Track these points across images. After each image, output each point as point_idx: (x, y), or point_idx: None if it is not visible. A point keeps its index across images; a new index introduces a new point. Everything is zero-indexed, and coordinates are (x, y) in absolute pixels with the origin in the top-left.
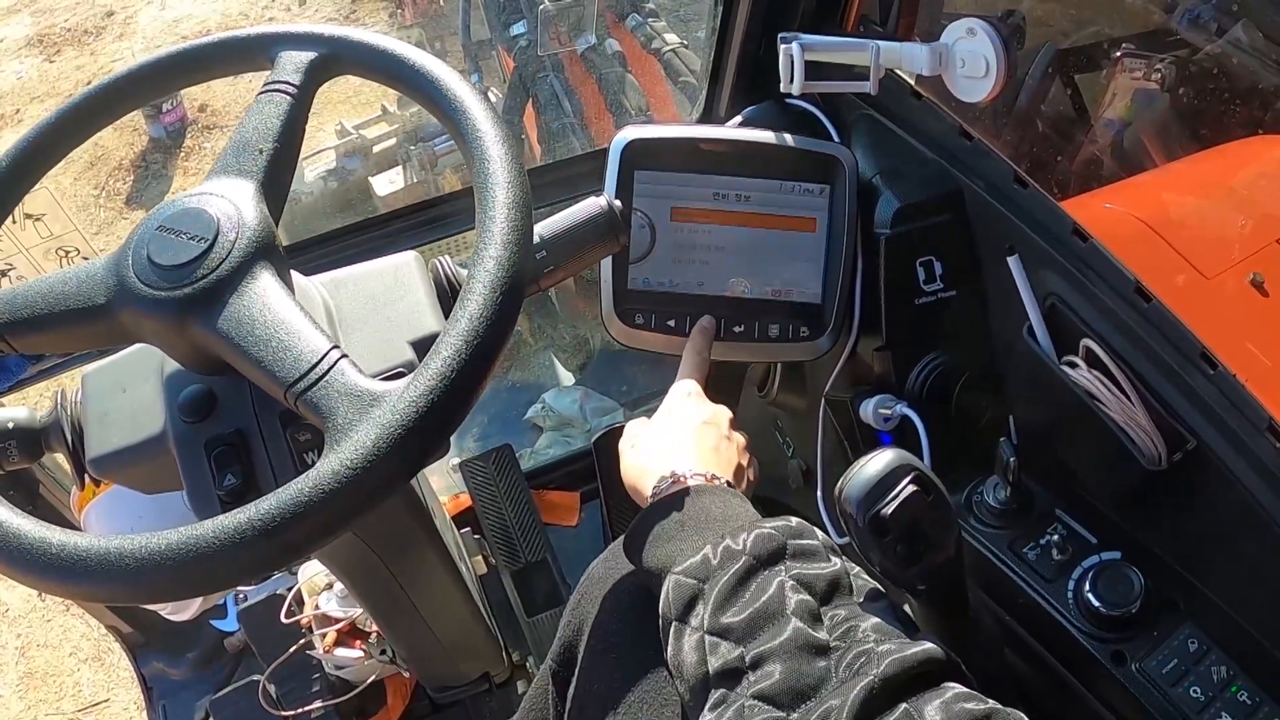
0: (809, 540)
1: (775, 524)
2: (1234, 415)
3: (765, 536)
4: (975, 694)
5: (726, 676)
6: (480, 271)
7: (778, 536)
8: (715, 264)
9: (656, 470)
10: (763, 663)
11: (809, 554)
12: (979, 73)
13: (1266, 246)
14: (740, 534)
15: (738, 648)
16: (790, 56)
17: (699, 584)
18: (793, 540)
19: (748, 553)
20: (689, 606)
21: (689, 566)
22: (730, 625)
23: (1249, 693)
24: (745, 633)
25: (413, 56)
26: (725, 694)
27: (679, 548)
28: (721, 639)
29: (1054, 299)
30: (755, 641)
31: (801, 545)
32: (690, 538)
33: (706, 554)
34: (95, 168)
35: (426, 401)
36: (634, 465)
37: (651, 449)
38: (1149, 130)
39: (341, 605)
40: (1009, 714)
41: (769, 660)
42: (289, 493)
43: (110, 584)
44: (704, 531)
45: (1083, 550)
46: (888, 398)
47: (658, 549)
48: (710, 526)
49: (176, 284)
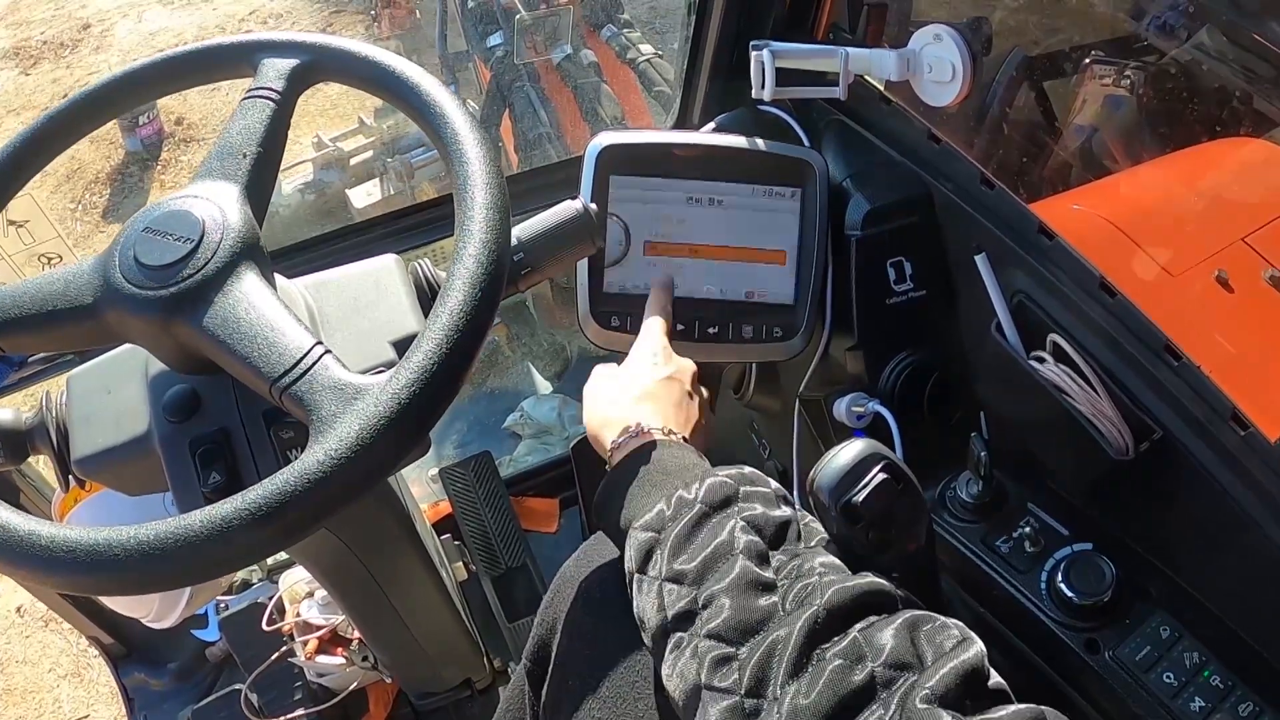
0: (760, 487)
1: (728, 472)
2: (1198, 405)
3: (717, 484)
4: (930, 614)
5: (682, 619)
6: (460, 270)
7: (729, 484)
8: (689, 267)
9: (618, 422)
10: (712, 602)
11: (760, 499)
12: (946, 77)
13: (1232, 245)
14: (693, 484)
15: (691, 590)
16: (761, 63)
17: (655, 535)
18: (744, 486)
19: (700, 500)
20: (647, 557)
21: (646, 520)
22: (684, 570)
23: (1221, 677)
24: (697, 575)
25: (393, 63)
26: (681, 637)
27: (639, 504)
28: (676, 584)
29: (1021, 296)
30: (706, 583)
31: (753, 491)
32: (648, 493)
33: (661, 507)
34: (72, 181)
35: (409, 394)
36: (597, 416)
37: (615, 401)
38: (1118, 135)
39: (323, 612)
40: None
41: (718, 598)
42: (275, 482)
43: (100, 574)
44: (661, 486)
45: (1054, 542)
46: (861, 396)
47: (619, 509)
48: (667, 480)
49: (163, 284)
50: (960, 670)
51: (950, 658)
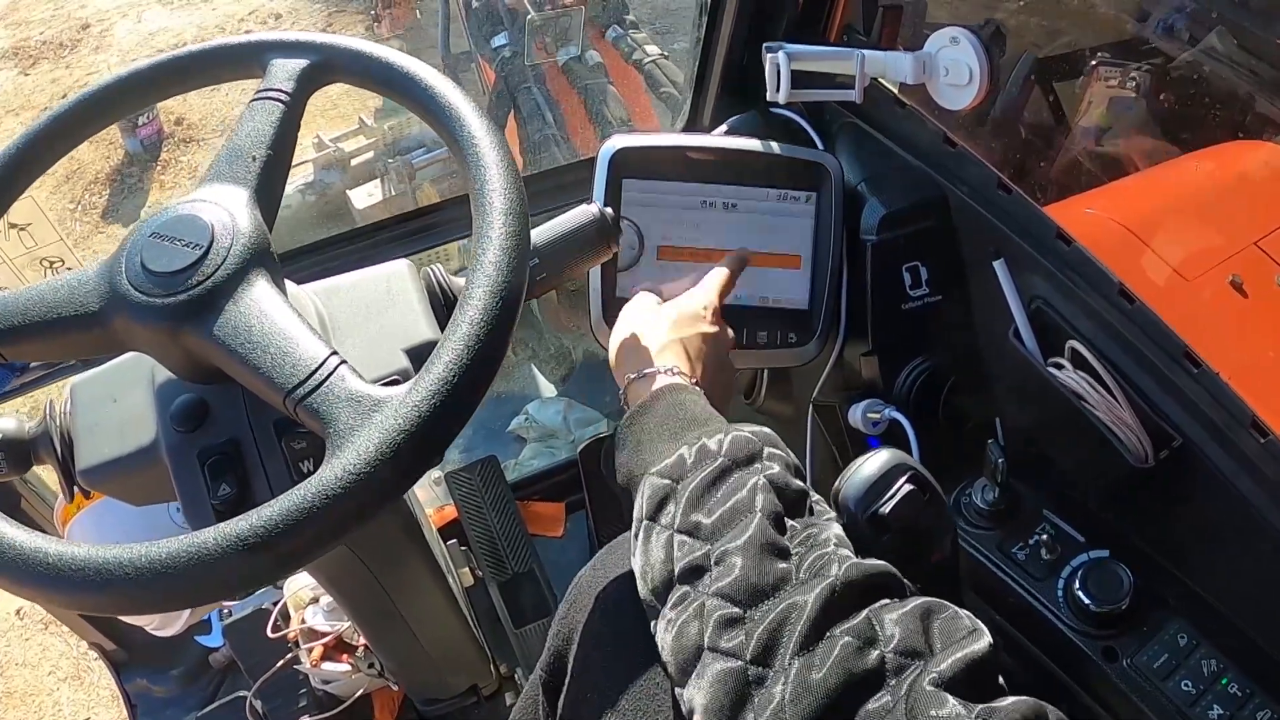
0: (780, 450)
1: (751, 429)
2: (1218, 412)
3: (742, 439)
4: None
5: (690, 573)
6: (480, 277)
7: (754, 440)
8: (702, 271)
9: (651, 355)
10: (725, 559)
11: (780, 463)
12: (962, 80)
13: (1245, 249)
14: (717, 435)
15: (704, 545)
16: (776, 65)
17: (672, 484)
18: (769, 446)
19: (724, 454)
20: (660, 505)
21: (664, 467)
22: (699, 523)
23: (1239, 685)
24: (713, 530)
25: (406, 64)
26: (687, 591)
27: (657, 449)
28: (690, 536)
29: (1039, 302)
30: (722, 539)
31: (775, 453)
32: (669, 440)
33: (683, 454)
34: (71, 182)
35: (430, 406)
36: (628, 342)
37: (652, 334)
38: (1126, 136)
39: (328, 619)
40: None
41: (731, 556)
42: (292, 499)
43: (109, 594)
44: (682, 434)
45: (1071, 549)
46: (876, 402)
47: (637, 455)
48: (689, 429)
49: (171, 291)
50: (969, 659)
51: (960, 646)
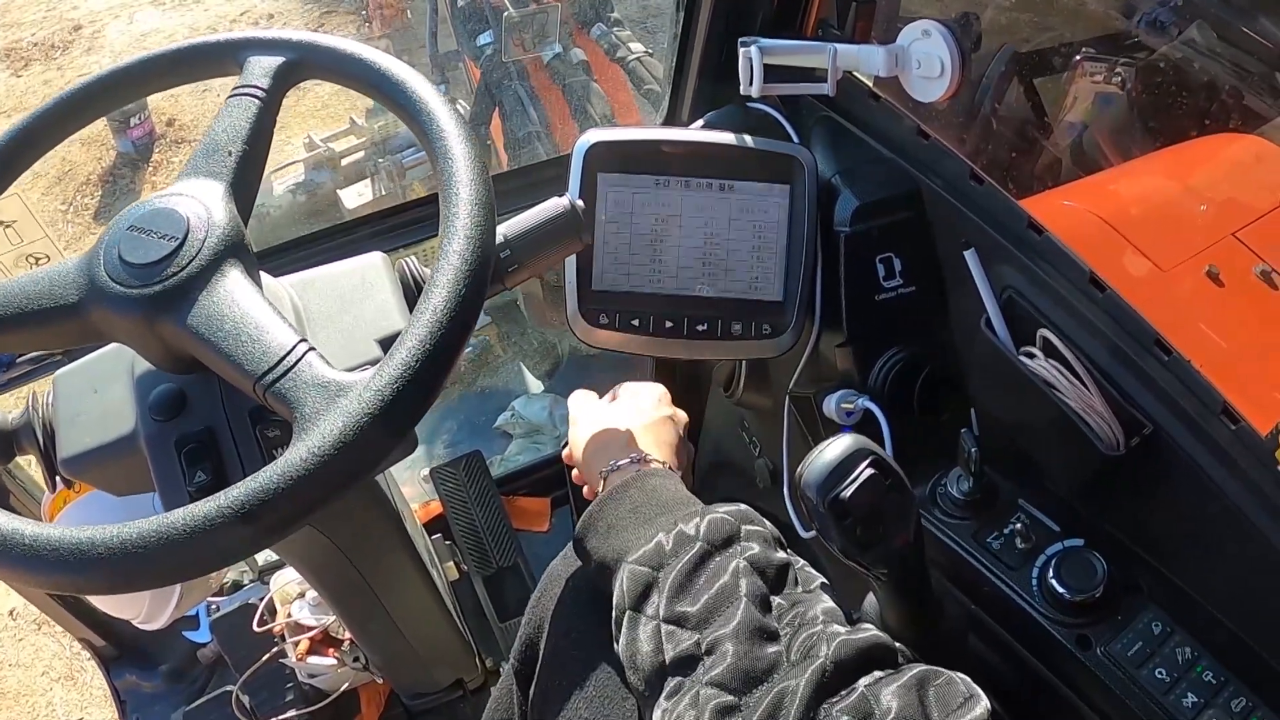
0: (758, 526)
1: (727, 509)
2: (1188, 399)
3: (719, 521)
4: (937, 670)
5: (682, 664)
6: (444, 266)
7: (731, 521)
8: (678, 264)
9: (619, 448)
10: (716, 648)
11: (758, 539)
12: (934, 73)
13: (1222, 240)
14: (693, 519)
15: (694, 634)
16: (749, 59)
17: (653, 572)
18: (745, 525)
19: (702, 538)
20: (644, 595)
21: (643, 554)
22: (686, 613)
23: (1213, 672)
24: (700, 619)
25: (378, 60)
26: (681, 681)
27: (633, 536)
28: (678, 626)
29: (1011, 291)
30: (710, 628)
31: (752, 530)
32: (644, 526)
33: (660, 540)
34: (63, 183)
35: (392, 390)
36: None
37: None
38: (1109, 131)
39: (314, 613)
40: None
41: (721, 644)
42: (257, 480)
43: (82, 573)
44: (658, 519)
45: (1045, 538)
46: (850, 392)
47: (611, 539)
48: (664, 514)
49: (147, 281)
50: None
51: (957, 716)
